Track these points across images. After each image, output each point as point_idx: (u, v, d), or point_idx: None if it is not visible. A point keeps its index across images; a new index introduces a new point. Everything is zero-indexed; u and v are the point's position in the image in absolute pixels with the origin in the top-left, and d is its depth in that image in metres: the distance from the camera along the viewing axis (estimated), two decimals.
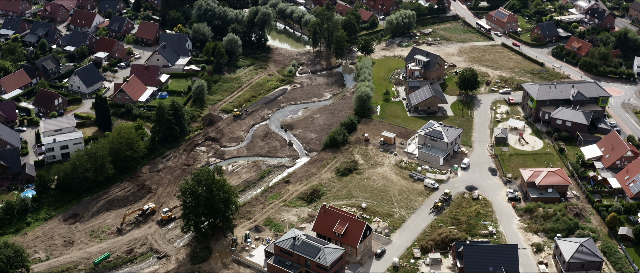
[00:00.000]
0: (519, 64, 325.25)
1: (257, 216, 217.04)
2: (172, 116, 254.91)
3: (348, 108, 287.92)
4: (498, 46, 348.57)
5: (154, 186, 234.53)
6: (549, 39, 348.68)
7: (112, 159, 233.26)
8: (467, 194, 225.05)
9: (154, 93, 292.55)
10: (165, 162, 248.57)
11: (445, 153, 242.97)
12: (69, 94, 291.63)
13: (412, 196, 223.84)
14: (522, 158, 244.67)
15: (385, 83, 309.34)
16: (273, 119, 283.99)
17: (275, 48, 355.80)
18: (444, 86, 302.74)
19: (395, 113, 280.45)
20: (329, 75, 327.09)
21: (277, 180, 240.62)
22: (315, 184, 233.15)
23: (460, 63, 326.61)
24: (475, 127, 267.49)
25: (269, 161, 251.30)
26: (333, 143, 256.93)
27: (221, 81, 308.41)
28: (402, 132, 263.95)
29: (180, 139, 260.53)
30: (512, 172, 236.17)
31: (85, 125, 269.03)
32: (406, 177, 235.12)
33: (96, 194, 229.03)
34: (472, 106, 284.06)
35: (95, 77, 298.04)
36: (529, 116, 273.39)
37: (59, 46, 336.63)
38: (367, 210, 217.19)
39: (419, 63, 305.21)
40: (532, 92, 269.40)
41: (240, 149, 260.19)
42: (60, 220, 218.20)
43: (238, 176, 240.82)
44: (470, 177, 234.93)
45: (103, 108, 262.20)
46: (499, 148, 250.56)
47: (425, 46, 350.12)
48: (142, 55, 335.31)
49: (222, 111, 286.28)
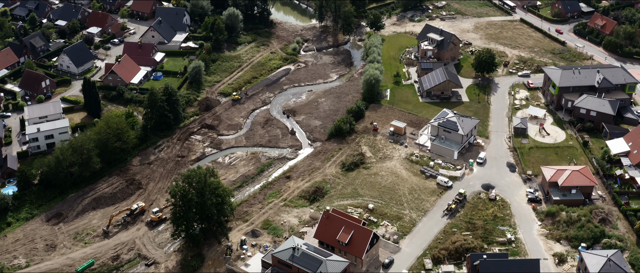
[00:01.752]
0: (539, 43, 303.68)
1: (254, 218, 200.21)
2: (165, 102, 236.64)
3: (355, 91, 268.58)
4: (516, 22, 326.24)
5: (145, 181, 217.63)
6: (570, 15, 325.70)
7: (100, 151, 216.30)
8: (484, 194, 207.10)
9: (148, 74, 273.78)
10: (158, 153, 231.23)
11: (459, 146, 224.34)
12: (58, 75, 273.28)
13: (423, 196, 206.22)
14: (543, 152, 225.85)
15: (396, 63, 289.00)
16: (275, 103, 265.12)
17: (279, 22, 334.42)
18: (458, 66, 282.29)
19: (406, 98, 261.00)
20: (336, 53, 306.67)
21: (277, 174, 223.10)
22: (318, 180, 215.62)
23: (476, 41, 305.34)
24: (492, 115, 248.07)
25: (269, 152, 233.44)
26: (338, 133, 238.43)
27: (220, 59, 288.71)
28: (414, 120, 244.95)
29: (174, 127, 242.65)
30: (532, 168, 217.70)
31: (73, 110, 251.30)
32: (417, 173, 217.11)
33: (82, 190, 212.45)
34: (489, 90, 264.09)
35: (85, 56, 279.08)
36: (550, 103, 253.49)
37: (49, 20, 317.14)
38: (374, 211, 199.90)
39: (432, 42, 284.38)
40: (554, 78, 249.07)
41: (239, 138, 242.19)
42: (43, 219, 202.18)
43: (235, 170, 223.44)
44: (486, 174, 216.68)
45: (91, 92, 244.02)
46: (518, 140, 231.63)
47: (439, 20, 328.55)
48: (137, 30, 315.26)
49: (221, 94, 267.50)
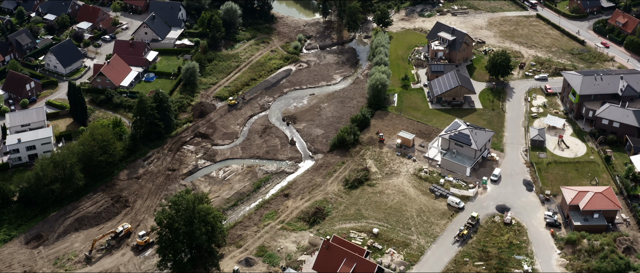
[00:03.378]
0: (557, 41, 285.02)
1: (248, 243, 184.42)
2: (155, 110, 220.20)
3: (361, 96, 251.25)
4: (532, 18, 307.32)
5: (132, 199, 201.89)
6: (589, 11, 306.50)
7: (83, 166, 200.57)
8: (498, 217, 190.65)
9: (140, 75, 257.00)
10: (147, 165, 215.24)
11: (472, 161, 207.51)
12: (44, 76, 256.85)
13: (432, 219, 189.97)
14: (562, 167, 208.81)
15: (404, 64, 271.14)
16: (274, 108, 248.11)
17: (280, 17, 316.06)
18: (471, 68, 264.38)
19: (414, 104, 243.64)
20: (340, 52, 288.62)
21: (275, 190, 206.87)
22: (319, 199, 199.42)
23: (489, 39, 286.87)
24: (508, 124, 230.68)
25: (266, 166, 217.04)
26: (342, 144, 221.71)
27: (217, 58, 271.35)
28: (423, 130, 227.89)
29: (165, 136, 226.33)
30: (551, 187, 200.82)
31: (59, 116, 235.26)
32: (426, 191, 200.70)
33: (64, 209, 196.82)
34: (504, 96, 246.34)
35: (73, 55, 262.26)
36: (569, 111, 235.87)
37: (38, 14, 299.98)
38: (379, 236, 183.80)
39: (443, 42, 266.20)
40: (574, 85, 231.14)
41: (235, 148, 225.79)
42: (22, 241, 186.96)
43: (229, 186, 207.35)
44: (501, 193, 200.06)
45: (77, 98, 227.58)
46: (536, 154, 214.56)
47: (450, 15, 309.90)
48: (131, 25, 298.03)
49: (216, 97, 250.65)
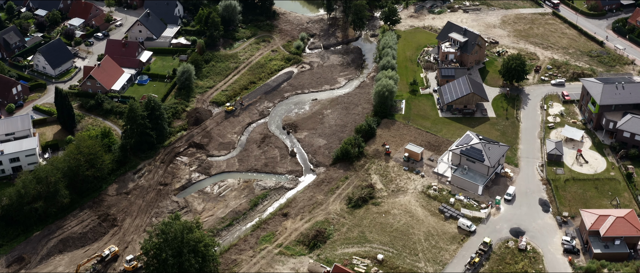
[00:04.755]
0: (574, 42, 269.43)
1: (244, 269, 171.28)
2: (147, 119, 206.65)
3: (366, 101, 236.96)
4: (548, 15, 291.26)
5: (120, 217, 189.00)
6: (608, 8, 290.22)
7: (69, 181, 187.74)
8: (512, 241, 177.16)
9: (132, 78, 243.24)
10: (138, 179, 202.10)
11: (485, 179, 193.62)
12: (33, 78, 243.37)
13: (442, 243, 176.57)
14: (581, 185, 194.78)
15: (413, 66, 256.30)
16: (274, 115, 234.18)
17: (283, 13, 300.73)
18: (483, 71, 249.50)
19: (423, 112, 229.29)
20: (345, 52, 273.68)
21: (273, 209, 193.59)
22: (320, 220, 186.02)
23: (503, 39, 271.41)
24: (523, 135, 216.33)
25: (264, 180, 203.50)
26: (345, 156, 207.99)
27: (214, 59, 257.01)
28: (432, 141, 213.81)
29: (157, 146, 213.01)
30: (569, 208, 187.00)
31: (46, 123, 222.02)
32: (435, 212, 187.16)
33: (48, 228, 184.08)
34: (518, 103, 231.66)
35: (63, 56, 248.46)
36: (588, 121, 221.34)
37: (28, 10, 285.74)
38: (384, 263, 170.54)
39: (455, 44, 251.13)
40: (594, 94, 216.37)
41: (231, 160, 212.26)
42: (3, 265, 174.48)
43: (225, 204, 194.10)
44: (515, 214, 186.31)
45: (64, 104, 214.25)
46: (552, 170, 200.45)
47: (461, 12, 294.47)
48: (125, 21, 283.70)
49: (213, 103, 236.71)
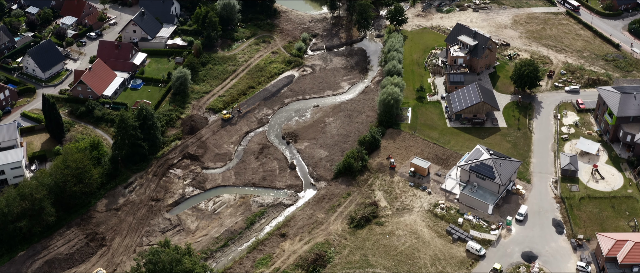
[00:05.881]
0: (589, 45, 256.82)
1: None
2: (138, 129, 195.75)
3: (370, 109, 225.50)
4: (561, 15, 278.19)
5: (109, 235, 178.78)
6: (624, 8, 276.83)
7: (56, 198, 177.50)
8: (524, 267, 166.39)
9: (125, 82, 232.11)
10: (128, 194, 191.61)
11: (496, 197, 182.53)
12: (22, 82, 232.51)
13: (449, 268, 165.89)
14: (597, 203, 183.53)
15: (420, 70, 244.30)
16: (273, 123, 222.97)
17: (284, 11, 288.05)
18: (494, 76, 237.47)
19: (431, 121, 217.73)
20: (349, 53, 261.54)
21: (270, 227, 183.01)
22: (320, 242, 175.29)
23: (514, 41, 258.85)
24: (535, 148, 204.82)
25: (262, 196, 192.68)
26: (348, 170, 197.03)
27: (212, 62, 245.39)
28: (439, 154, 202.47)
29: (150, 158, 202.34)
30: (584, 229, 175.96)
31: (34, 131, 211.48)
32: (442, 233, 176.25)
33: (33, 248, 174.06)
34: (531, 112, 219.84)
35: (54, 58, 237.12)
36: (604, 132, 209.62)
37: (20, 7, 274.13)
38: None
39: (464, 47, 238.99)
40: (611, 104, 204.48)
41: (227, 173, 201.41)
42: None
43: (219, 222, 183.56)
44: (527, 236, 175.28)
45: (52, 114, 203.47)
46: (567, 186, 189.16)
47: (471, 11, 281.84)
48: (119, 19, 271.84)
49: (209, 110, 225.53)
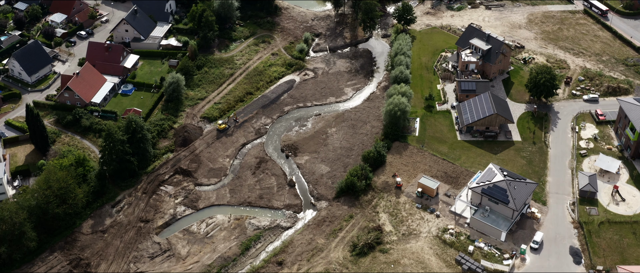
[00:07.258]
0: (608, 47, 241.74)
1: None
2: (127, 144, 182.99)
3: (375, 118, 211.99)
4: (579, 14, 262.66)
5: (95, 261, 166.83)
6: None
7: (37, 220, 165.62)
8: None
9: (116, 87, 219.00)
10: (116, 214, 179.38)
11: (509, 223, 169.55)
12: (6, 86, 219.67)
13: None
14: (617, 229, 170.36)
15: (429, 75, 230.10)
16: (272, 133, 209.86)
17: (286, 8, 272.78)
18: (508, 83, 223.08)
19: (440, 133, 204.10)
20: (353, 55, 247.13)
21: (266, 253, 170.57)
22: (319, 271, 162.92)
23: (529, 43, 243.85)
24: (552, 165, 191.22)
25: (258, 218, 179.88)
26: (350, 189, 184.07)
27: (207, 64, 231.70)
28: (449, 172, 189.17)
29: (140, 173, 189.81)
30: (604, 259, 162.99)
31: (18, 141, 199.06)
32: (451, 262, 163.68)
33: None
34: (547, 124, 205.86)
35: (41, 60, 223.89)
36: (624, 147, 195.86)
37: (7, 3, 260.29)
38: None
39: (477, 52, 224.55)
40: (633, 118, 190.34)
41: (222, 190, 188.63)
42: None
43: (212, 247, 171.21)
44: (543, 266, 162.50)
45: (36, 125, 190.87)
46: (585, 210, 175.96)
47: (483, 9, 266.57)
48: (112, 16, 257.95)
49: (204, 118, 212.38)
